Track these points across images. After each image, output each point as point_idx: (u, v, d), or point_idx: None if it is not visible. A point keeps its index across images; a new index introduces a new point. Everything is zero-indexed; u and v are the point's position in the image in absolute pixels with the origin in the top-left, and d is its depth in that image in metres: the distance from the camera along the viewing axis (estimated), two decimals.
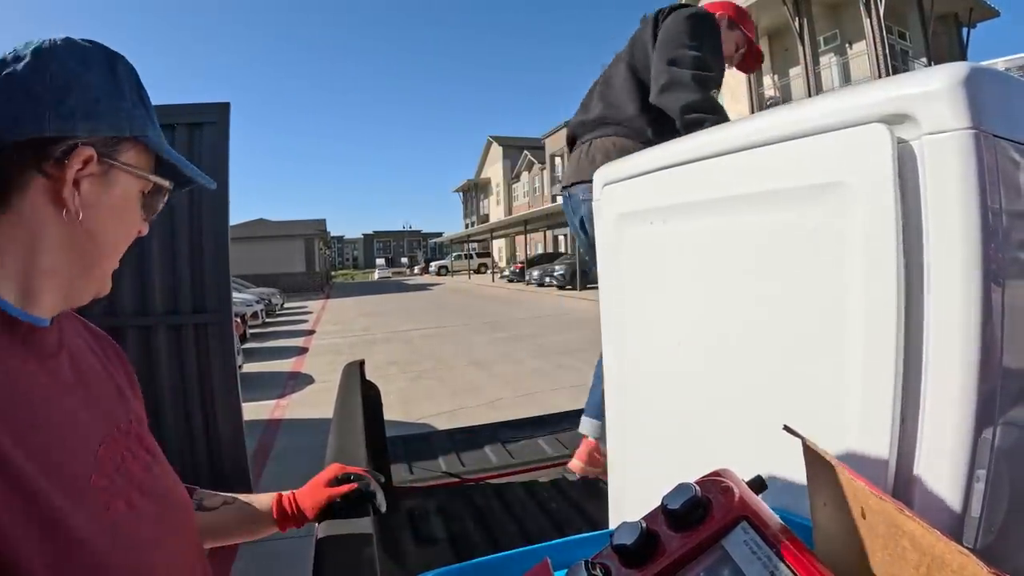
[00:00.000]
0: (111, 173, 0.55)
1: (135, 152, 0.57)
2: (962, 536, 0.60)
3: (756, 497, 0.46)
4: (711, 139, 0.92)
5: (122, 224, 0.58)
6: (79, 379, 0.57)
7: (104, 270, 0.59)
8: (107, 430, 0.57)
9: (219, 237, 3.27)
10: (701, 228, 0.93)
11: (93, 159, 0.52)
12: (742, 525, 0.43)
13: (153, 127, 0.59)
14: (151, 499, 0.58)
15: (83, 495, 0.49)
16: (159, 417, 3.16)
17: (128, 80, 0.57)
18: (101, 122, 0.53)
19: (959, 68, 0.58)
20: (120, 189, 0.56)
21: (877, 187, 0.62)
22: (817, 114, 0.72)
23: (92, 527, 0.48)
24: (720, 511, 0.44)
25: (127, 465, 0.56)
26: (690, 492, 0.45)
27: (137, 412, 0.65)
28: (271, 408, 6.03)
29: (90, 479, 0.51)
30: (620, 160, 1.22)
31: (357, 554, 0.77)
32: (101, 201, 0.54)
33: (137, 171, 0.57)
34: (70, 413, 0.53)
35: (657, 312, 1.07)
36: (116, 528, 0.51)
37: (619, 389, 1.22)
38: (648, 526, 0.46)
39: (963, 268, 0.57)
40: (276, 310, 17.39)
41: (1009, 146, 0.61)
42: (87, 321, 0.68)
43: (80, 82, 0.52)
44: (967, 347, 0.57)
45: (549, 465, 2.36)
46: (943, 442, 0.60)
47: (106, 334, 0.70)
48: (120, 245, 0.59)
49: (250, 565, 2.81)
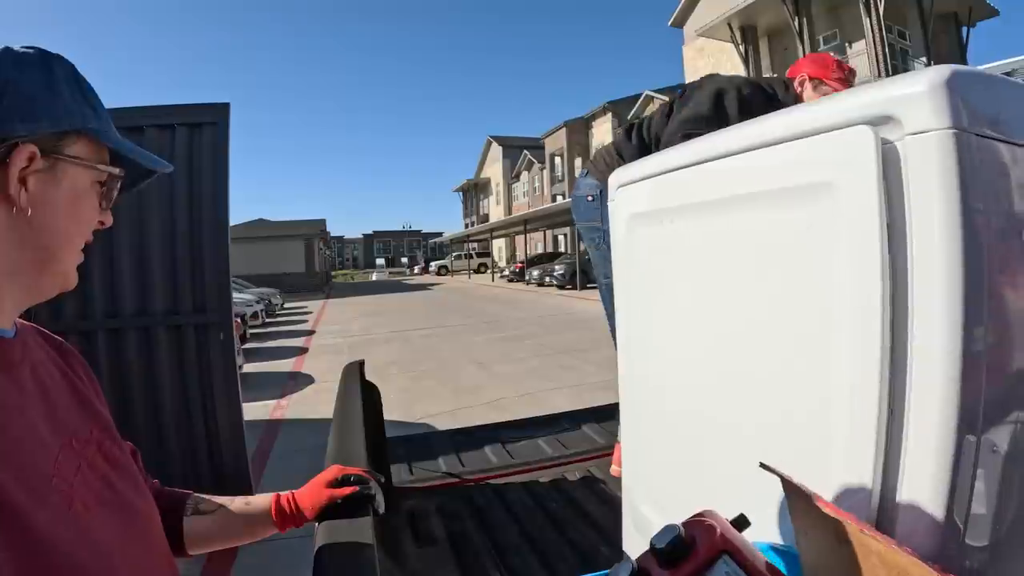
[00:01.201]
0: (58, 167, 0.56)
1: (82, 145, 0.58)
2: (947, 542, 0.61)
3: (738, 533, 0.50)
4: (713, 143, 0.95)
5: (76, 217, 0.59)
6: (40, 390, 0.58)
7: (64, 264, 0.59)
8: (65, 440, 0.57)
9: (219, 237, 3.27)
10: (703, 228, 0.97)
11: (36, 156, 0.53)
12: (724, 559, 0.47)
13: (98, 119, 0.60)
14: (109, 509, 0.58)
15: (45, 495, 0.50)
16: (160, 417, 3.17)
17: (67, 78, 0.58)
18: (40, 120, 0.54)
19: (942, 70, 0.59)
20: (69, 182, 0.57)
21: (862, 187, 0.64)
22: (809, 117, 0.75)
23: (55, 526, 0.49)
24: (703, 547, 0.48)
25: (84, 475, 0.57)
26: (675, 532, 0.49)
27: (101, 421, 0.66)
28: (271, 408, 6.04)
29: (51, 482, 0.52)
30: (631, 164, 1.28)
31: (357, 554, 0.78)
32: (51, 196, 0.55)
33: (85, 162, 0.58)
34: (30, 422, 0.54)
35: (662, 309, 1.12)
36: (80, 527, 0.52)
37: (632, 385, 1.27)
38: (640, 565, 0.50)
39: (945, 266, 0.58)
40: (276, 310, 17.39)
41: (997, 146, 0.62)
42: (51, 333, 0.69)
43: (14, 85, 0.53)
44: (951, 344, 0.59)
45: (549, 465, 2.36)
46: (927, 441, 0.61)
47: (70, 346, 0.71)
48: (77, 238, 0.60)
49: (250, 565, 2.82)
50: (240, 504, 0.85)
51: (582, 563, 1.61)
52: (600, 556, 1.63)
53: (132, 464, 0.69)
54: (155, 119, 3.23)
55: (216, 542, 0.83)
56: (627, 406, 1.30)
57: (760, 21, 17.69)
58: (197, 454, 3.24)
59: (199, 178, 3.26)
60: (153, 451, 3.06)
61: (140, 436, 2.97)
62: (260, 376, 7.73)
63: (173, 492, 0.82)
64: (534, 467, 2.35)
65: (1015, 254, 0.64)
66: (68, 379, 0.65)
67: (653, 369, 1.17)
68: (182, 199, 3.24)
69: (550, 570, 1.60)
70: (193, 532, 0.79)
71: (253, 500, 0.86)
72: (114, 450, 0.65)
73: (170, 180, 3.21)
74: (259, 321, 13.25)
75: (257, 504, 0.85)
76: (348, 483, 0.88)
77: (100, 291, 3.12)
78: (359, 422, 1.39)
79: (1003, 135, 0.62)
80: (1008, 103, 0.66)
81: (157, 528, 0.68)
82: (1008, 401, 0.65)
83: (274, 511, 0.85)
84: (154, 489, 0.77)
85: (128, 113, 3.19)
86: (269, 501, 0.86)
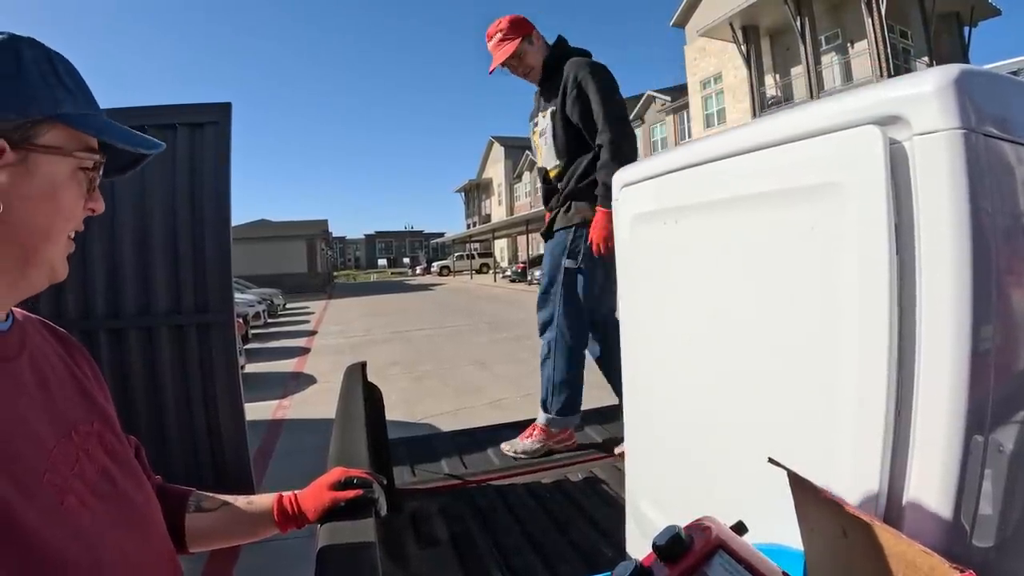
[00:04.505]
0: (31, 158, 0.53)
1: (57, 132, 0.55)
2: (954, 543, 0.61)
3: (734, 534, 0.53)
4: (718, 143, 0.94)
5: (56, 209, 0.56)
6: (39, 381, 0.57)
7: (50, 255, 0.57)
8: (63, 432, 0.57)
9: (221, 237, 3.28)
10: (708, 229, 0.97)
11: (5, 149, 0.51)
12: (720, 553, 0.51)
13: (74, 102, 0.56)
14: (106, 501, 0.58)
15: (36, 490, 0.50)
16: (162, 417, 3.17)
17: (38, 62, 0.54)
18: (6, 111, 0.51)
19: (949, 70, 0.59)
20: (45, 173, 0.54)
21: (870, 187, 0.63)
22: (816, 117, 0.74)
23: (45, 520, 0.49)
24: (700, 544, 0.52)
25: (82, 466, 0.57)
26: (674, 531, 0.53)
27: (103, 414, 0.65)
28: (273, 408, 6.04)
29: (43, 477, 0.51)
30: (636, 163, 1.29)
31: (359, 555, 0.78)
32: (25, 190, 0.52)
33: (60, 151, 0.55)
34: (25, 414, 0.53)
35: (666, 310, 1.11)
36: (70, 523, 0.52)
37: (636, 385, 1.27)
38: (643, 563, 0.53)
39: (953, 265, 0.58)
40: (278, 310, 17.42)
41: (1004, 146, 0.62)
42: (55, 326, 0.68)
43: None
44: (959, 344, 0.58)
45: (551, 466, 2.36)
46: (935, 442, 0.61)
47: (74, 339, 0.70)
48: (60, 228, 0.57)
49: (252, 565, 2.82)
50: (243, 503, 0.85)
51: (585, 564, 1.61)
52: (603, 557, 1.63)
53: (133, 458, 0.69)
54: (156, 119, 3.23)
55: (217, 540, 0.82)
56: (631, 406, 1.30)
57: (762, 21, 17.67)
58: (199, 454, 3.25)
59: (201, 178, 3.26)
60: (155, 450, 3.05)
61: (142, 436, 2.96)
62: (262, 376, 7.73)
63: (176, 488, 0.82)
64: (536, 468, 2.35)
65: (1023, 254, 0.63)
66: (70, 371, 0.64)
67: (657, 369, 1.17)
68: (184, 199, 3.25)
69: (553, 571, 1.59)
70: (194, 529, 0.79)
71: (256, 500, 0.86)
72: (115, 443, 0.65)
73: (172, 180, 3.22)
74: (261, 321, 13.27)
75: (259, 504, 0.85)
76: (351, 485, 0.88)
77: (102, 291, 3.12)
78: (361, 424, 1.39)
79: (1011, 135, 0.62)
80: (1015, 103, 0.66)
81: (157, 522, 0.68)
82: (1015, 401, 0.64)
83: (276, 512, 0.85)
84: (157, 485, 0.77)
85: (129, 113, 3.20)
86: (271, 501, 0.86)
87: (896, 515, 0.65)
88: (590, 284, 2.35)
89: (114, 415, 0.68)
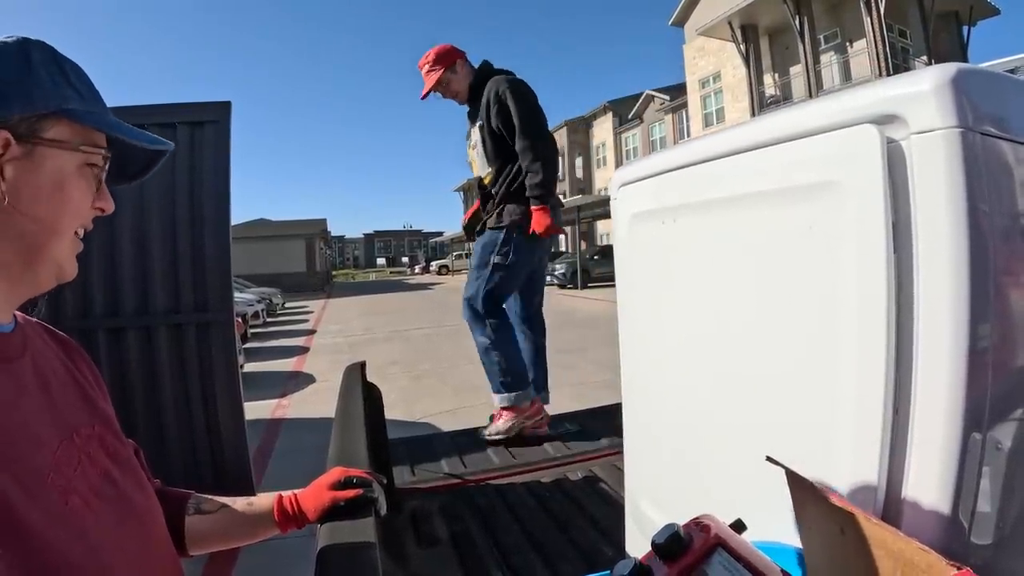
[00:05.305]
0: (36, 152, 0.54)
1: (63, 127, 0.56)
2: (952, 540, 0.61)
3: (733, 533, 0.54)
4: (716, 142, 0.95)
5: (63, 203, 0.56)
6: (41, 384, 0.57)
7: (57, 252, 0.57)
8: (65, 434, 0.57)
9: (221, 236, 3.27)
10: (706, 228, 0.97)
11: (11, 142, 0.51)
12: (719, 551, 0.51)
13: (81, 100, 0.57)
14: (108, 503, 0.58)
15: (39, 490, 0.50)
16: (161, 416, 3.17)
17: (46, 62, 0.56)
18: (11, 104, 0.52)
19: (947, 68, 0.59)
20: (52, 167, 0.55)
21: (867, 185, 0.64)
22: (813, 116, 0.74)
23: (49, 521, 0.49)
24: (699, 542, 0.52)
25: (84, 469, 0.57)
26: (673, 529, 0.53)
27: (104, 417, 0.65)
28: (272, 407, 6.04)
29: (47, 477, 0.51)
30: (635, 161, 1.29)
31: (359, 555, 0.78)
32: (31, 182, 0.53)
33: (66, 145, 0.56)
34: (28, 416, 0.53)
35: (665, 309, 1.11)
36: (74, 523, 0.52)
37: (634, 384, 1.27)
38: (642, 561, 0.53)
39: (950, 264, 0.58)
40: (277, 310, 17.42)
41: (1002, 144, 0.62)
42: (55, 329, 0.68)
43: None
44: (957, 342, 0.59)
45: (551, 466, 2.36)
46: (933, 439, 0.61)
47: (74, 342, 0.70)
48: (67, 223, 0.58)
49: (252, 566, 2.82)
50: (242, 504, 0.85)
51: (584, 563, 1.61)
52: (602, 556, 1.63)
53: (134, 460, 0.69)
54: (156, 118, 3.22)
55: (217, 542, 0.82)
56: (630, 406, 1.30)
57: (761, 20, 17.69)
58: (198, 453, 3.25)
59: (200, 177, 3.26)
60: (154, 451, 3.06)
61: (141, 436, 2.97)
62: (261, 375, 7.73)
63: (175, 491, 0.82)
64: (536, 467, 2.35)
65: (1020, 253, 0.64)
66: (71, 374, 0.64)
67: (655, 368, 1.17)
68: (184, 198, 3.24)
69: (552, 570, 1.60)
70: (194, 531, 0.79)
71: (255, 501, 0.86)
72: (116, 445, 0.65)
73: (172, 179, 3.22)
74: (260, 320, 13.27)
75: (259, 505, 0.85)
76: (351, 485, 0.88)
77: (100, 290, 3.12)
78: (361, 423, 1.39)
79: (1008, 134, 0.62)
80: (1013, 101, 0.66)
81: (159, 524, 0.68)
82: (1012, 399, 0.64)
83: (276, 512, 0.85)
84: (156, 488, 0.77)
85: (129, 112, 3.19)
86: (271, 502, 0.86)
87: (894, 513, 0.65)
88: (512, 280, 2.67)
89: (114, 418, 0.68)
